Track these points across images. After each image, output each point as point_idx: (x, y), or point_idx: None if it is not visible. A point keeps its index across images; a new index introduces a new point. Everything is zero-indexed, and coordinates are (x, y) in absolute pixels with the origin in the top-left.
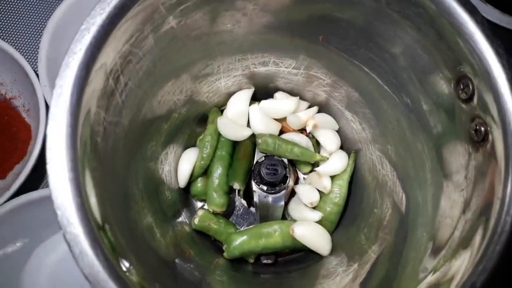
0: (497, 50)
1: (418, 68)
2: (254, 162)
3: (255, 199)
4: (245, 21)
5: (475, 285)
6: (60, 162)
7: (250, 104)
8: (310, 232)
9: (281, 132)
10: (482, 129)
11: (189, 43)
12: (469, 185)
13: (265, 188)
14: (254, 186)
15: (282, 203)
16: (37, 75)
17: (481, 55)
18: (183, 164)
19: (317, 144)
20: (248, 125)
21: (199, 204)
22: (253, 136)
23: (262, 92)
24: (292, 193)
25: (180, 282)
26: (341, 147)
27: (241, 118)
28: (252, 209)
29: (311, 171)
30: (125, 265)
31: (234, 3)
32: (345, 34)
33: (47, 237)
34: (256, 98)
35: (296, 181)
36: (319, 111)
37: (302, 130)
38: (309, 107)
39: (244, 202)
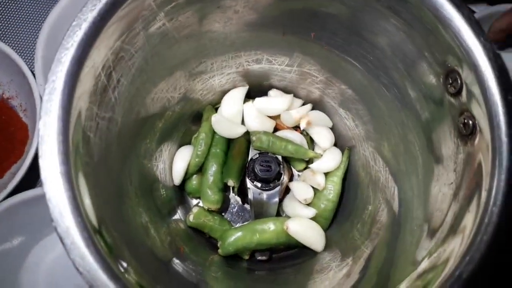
0: (484, 44)
1: (408, 62)
2: (249, 159)
3: (250, 196)
4: (237, 18)
5: (461, 275)
6: (52, 155)
7: (244, 102)
8: (304, 228)
9: (276, 129)
10: (470, 122)
11: (182, 40)
12: (458, 178)
13: (259, 185)
14: (249, 183)
15: (276, 199)
16: (34, 75)
17: (468, 49)
18: (177, 162)
19: (311, 141)
20: (243, 122)
21: (194, 201)
22: (247, 134)
23: (256, 89)
24: (287, 190)
25: (174, 278)
26: (335, 144)
27: (235, 115)
28: (247, 206)
29: (305, 168)
30: (118, 260)
31: (225, 0)
32: (336, 30)
33: (45, 235)
34: (250, 96)
35: (291, 178)
36: (313, 109)
37: (296, 128)
38: (303, 104)
39: (238, 199)
